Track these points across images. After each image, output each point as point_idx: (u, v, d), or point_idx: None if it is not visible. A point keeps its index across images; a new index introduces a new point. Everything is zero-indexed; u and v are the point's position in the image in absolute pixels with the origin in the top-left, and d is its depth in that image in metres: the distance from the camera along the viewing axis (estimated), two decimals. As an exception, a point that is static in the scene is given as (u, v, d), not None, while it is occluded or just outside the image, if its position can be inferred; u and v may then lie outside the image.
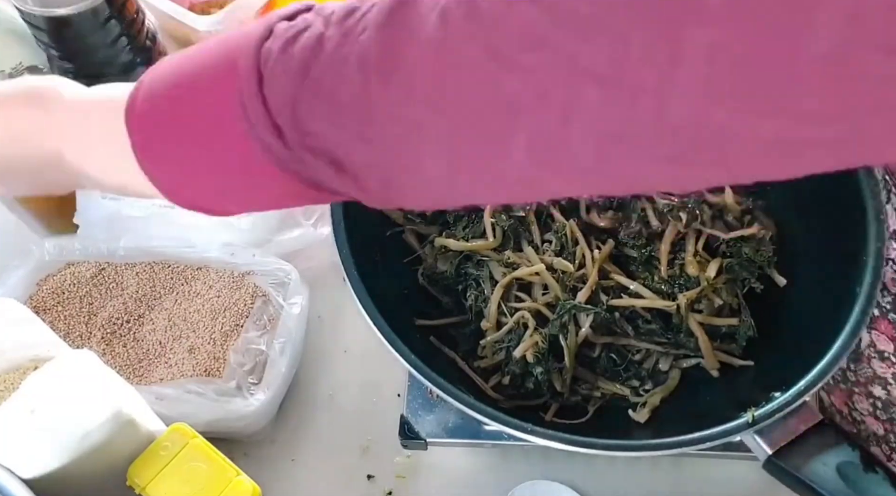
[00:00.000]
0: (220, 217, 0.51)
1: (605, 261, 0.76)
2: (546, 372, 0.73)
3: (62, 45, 0.80)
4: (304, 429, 0.83)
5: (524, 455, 0.80)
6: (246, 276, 0.83)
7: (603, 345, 0.75)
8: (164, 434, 0.64)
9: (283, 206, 0.50)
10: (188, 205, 0.49)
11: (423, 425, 0.74)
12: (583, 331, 0.73)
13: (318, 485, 0.80)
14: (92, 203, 0.82)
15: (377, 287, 0.68)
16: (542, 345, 0.73)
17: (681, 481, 0.80)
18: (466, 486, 0.80)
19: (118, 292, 0.83)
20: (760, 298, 0.77)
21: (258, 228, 0.83)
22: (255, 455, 0.81)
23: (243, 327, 0.80)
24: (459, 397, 0.64)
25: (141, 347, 0.80)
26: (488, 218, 0.78)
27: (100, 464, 0.62)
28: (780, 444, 0.62)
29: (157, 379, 0.78)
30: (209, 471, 0.63)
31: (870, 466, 0.60)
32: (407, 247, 0.82)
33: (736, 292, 0.76)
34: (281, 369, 0.77)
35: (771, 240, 0.77)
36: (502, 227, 0.78)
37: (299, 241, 0.85)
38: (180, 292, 0.83)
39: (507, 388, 0.75)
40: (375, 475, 0.81)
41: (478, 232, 0.79)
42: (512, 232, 0.78)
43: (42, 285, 0.83)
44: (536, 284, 0.76)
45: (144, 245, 0.84)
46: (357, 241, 0.70)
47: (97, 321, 0.81)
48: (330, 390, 0.85)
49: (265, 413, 0.76)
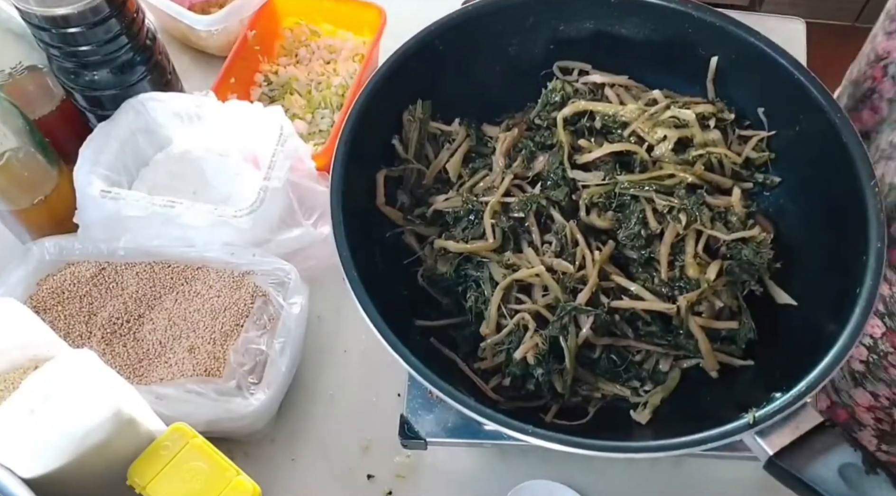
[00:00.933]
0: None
1: (605, 263, 0.76)
2: (546, 373, 0.73)
3: (62, 45, 0.80)
4: (304, 429, 0.83)
5: (524, 455, 0.80)
6: (246, 276, 0.83)
7: (603, 346, 0.75)
8: (164, 434, 0.64)
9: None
10: None
11: (422, 425, 0.74)
12: (583, 332, 0.73)
13: (318, 485, 0.81)
14: (92, 203, 0.82)
15: (377, 288, 0.68)
16: (542, 347, 0.72)
17: (681, 481, 0.80)
18: (466, 486, 0.80)
19: (118, 292, 0.83)
20: (761, 299, 0.77)
21: (258, 228, 0.83)
22: (255, 455, 0.81)
23: (243, 327, 0.80)
24: (460, 399, 0.64)
25: (141, 347, 0.80)
26: (488, 219, 0.78)
27: (100, 464, 0.62)
28: (781, 446, 0.62)
29: (157, 379, 0.78)
30: (209, 471, 0.63)
31: (872, 468, 0.60)
32: (406, 248, 0.82)
33: (736, 294, 0.76)
34: (281, 369, 0.77)
35: (771, 242, 0.77)
36: (502, 228, 0.78)
37: (299, 240, 0.85)
38: (180, 292, 0.83)
39: (508, 390, 0.75)
40: (375, 475, 0.81)
41: (477, 233, 0.79)
42: (512, 233, 0.78)
43: (42, 285, 0.83)
44: (536, 286, 0.76)
45: (144, 245, 0.84)
46: (357, 241, 0.70)
47: (97, 321, 0.81)
48: (330, 390, 0.86)
49: (265, 413, 0.76)
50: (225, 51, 1.03)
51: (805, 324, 0.73)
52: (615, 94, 0.85)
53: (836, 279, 0.70)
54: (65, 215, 0.84)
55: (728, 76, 0.83)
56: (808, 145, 0.78)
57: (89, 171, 0.83)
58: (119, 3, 0.80)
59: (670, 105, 0.82)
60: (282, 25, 1.09)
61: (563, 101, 0.84)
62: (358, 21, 1.06)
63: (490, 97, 0.88)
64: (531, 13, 0.85)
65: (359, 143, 0.76)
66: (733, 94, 0.84)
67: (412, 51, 0.81)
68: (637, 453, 0.63)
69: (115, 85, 0.86)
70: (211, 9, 1.05)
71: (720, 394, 0.73)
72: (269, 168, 0.83)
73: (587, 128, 0.83)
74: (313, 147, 0.97)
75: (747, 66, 0.80)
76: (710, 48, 0.83)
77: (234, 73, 1.00)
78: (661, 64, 0.86)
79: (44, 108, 0.87)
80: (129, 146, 0.88)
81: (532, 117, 0.86)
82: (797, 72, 0.76)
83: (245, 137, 0.89)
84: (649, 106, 0.83)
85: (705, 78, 0.84)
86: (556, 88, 0.85)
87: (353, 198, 0.73)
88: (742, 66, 0.81)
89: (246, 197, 0.83)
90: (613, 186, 0.78)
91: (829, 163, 0.74)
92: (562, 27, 0.86)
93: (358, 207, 0.74)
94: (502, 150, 0.83)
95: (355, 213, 0.72)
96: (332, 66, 1.05)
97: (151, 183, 0.89)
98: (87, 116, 0.90)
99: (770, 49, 0.78)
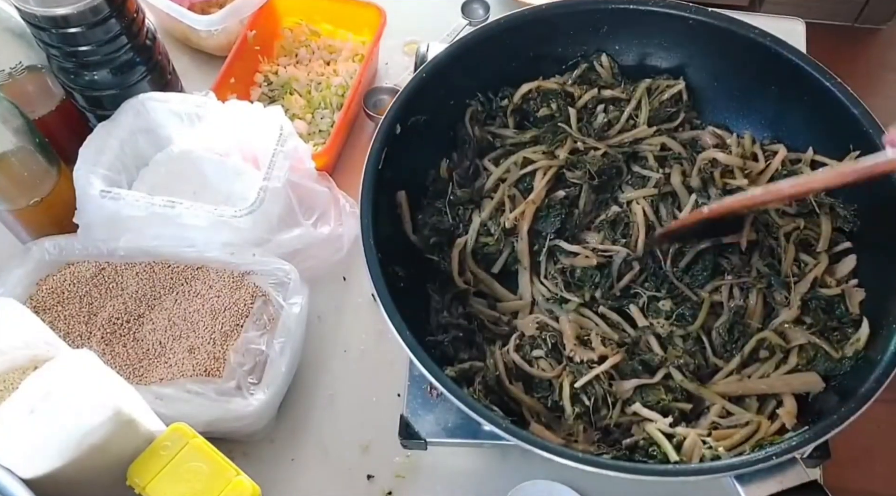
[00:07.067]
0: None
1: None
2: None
3: (62, 45, 0.80)
4: (304, 429, 0.83)
5: (524, 455, 0.80)
6: (246, 276, 0.83)
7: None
8: (164, 434, 0.64)
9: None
10: None
11: (422, 425, 0.74)
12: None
13: (318, 485, 0.80)
14: (92, 203, 0.82)
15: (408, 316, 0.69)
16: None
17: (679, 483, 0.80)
18: (466, 486, 0.80)
19: (118, 292, 0.83)
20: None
21: (258, 228, 0.83)
22: (255, 455, 0.81)
23: (243, 327, 0.80)
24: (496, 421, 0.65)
25: (141, 347, 0.80)
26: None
27: (100, 464, 0.62)
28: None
29: (157, 379, 0.78)
30: (209, 471, 0.63)
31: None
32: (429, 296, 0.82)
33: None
34: (281, 369, 0.77)
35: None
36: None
37: (299, 240, 0.85)
38: (180, 292, 0.83)
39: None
40: (375, 475, 0.81)
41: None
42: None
43: (42, 285, 0.83)
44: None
45: (144, 245, 0.84)
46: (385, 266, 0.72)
47: (97, 321, 0.81)
48: (330, 390, 0.85)
49: (265, 413, 0.76)
50: (225, 51, 1.03)
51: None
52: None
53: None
54: (64, 215, 0.84)
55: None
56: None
57: (89, 171, 0.83)
58: (119, 3, 0.80)
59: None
60: (282, 25, 1.09)
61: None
62: (358, 21, 1.06)
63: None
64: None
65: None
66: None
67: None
68: (616, 472, 0.63)
69: (115, 85, 0.86)
70: (211, 9, 1.05)
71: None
72: (269, 168, 0.83)
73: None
74: (313, 147, 0.97)
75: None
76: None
77: (234, 73, 1.01)
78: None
79: (44, 108, 0.87)
80: (129, 146, 0.88)
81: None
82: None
83: (245, 137, 0.89)
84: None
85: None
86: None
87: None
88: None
89: (246, 197, 0.83)
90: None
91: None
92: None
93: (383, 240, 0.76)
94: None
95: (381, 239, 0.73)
96: (332, 67, 1.05)
97: (151, 183, 0.89)
98: (87, 116, 0.90)
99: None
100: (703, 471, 0.63)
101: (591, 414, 0.73)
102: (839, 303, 0.77)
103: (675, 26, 0.86)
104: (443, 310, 0.79)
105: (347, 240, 0.89)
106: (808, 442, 0.62)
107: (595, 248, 0.83)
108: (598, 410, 0.73)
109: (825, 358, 0.74)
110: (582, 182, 0.84)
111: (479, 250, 0.84)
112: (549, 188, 0.85)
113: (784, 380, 0.74)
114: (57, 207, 0.84)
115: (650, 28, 0.88)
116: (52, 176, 0.82)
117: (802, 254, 0.80)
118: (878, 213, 0.77)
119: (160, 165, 0.91)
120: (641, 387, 0.74)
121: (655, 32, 0.88)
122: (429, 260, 0.83)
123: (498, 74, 0.89)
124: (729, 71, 0.87)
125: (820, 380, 0.73)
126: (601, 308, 0.81)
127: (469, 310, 0.81)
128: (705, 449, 0.69)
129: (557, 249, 0.84)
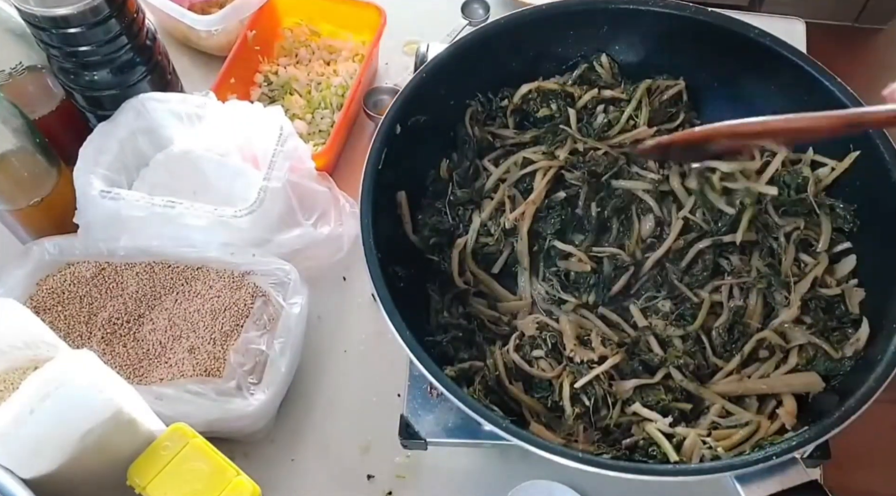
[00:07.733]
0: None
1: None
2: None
3: (62, 45, 0.80)
4: (304, 429, 0.83)
5: (524, 455, 0.80)
6: (246, 276, 0.83)
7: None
8: (164, 434, 0.64)
9: None
10: None
11: (423, 425, 0.74)
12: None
13: (318, 485, 0.80)
14: (92, 203, 0.82)
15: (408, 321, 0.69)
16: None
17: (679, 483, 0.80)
18: (466, 486, 0.80)
19: (118, 292, 0.83)
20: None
21: (258, 228, 0.82)
22: (255, 455, 0.81)
23: (243, 327, 0.80)
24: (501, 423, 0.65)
25: (141, 347, 0.80)
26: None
27: (100, 464, 0.62)
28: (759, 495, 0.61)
29: (157, 379, 0.78)
30: (209, 471, 0.63)
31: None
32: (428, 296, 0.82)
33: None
34: (281, 369, 0.77)
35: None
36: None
37: (299, 240, 0.85)
38: (180, 292, 0.83)
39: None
40: (375, 475, 0.81)
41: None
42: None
43: (42, 285, 0.82)
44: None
45: (144, 245, 0.84)
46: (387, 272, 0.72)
47: (97, 321, 0.81)
48: (330, 390, 0.85)
49: (265, 413, 0.76)
50: (225, 51, 1.03)
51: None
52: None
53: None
54: (64, 215, 0.84)
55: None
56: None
57: (89, 172, 0.83)
58: (119, 3, 0.80)
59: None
60: (282, 25, 1.09)
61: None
62: (358, 21, 1.06)
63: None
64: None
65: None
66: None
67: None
68: (617, 472, 0.63)
69: (115, 85, 0.86)
70: (211, 9, 1.05)
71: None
72: (269, 168, 0.83)
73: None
74: (313, 147, 0.97)
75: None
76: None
77: (234, 73, 1.01)
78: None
79: (44, 108, 0.87)
80: (129, 146, 0.88)
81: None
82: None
83: (245, 137, 0.89)
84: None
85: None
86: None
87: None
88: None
89: (246, 197, 0.83)
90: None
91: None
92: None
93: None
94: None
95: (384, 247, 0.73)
96: (332, 67, 1.05)
97: (151, 183, 0.89)
98: (87, 116, 0.90)
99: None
100: (703, 471, 0.63)
101: (591, 414, 0.73)
102: (839, 303, 0.77)
103: (675, 26, 0.86)
104: (443, 311, 0.79)
105: (347, 240, 0.89)
106: (808, 442, 0.62)
107: (593, 253, 0.83)
108: (598, 410, 0.73)
109: (825, 358, 0.74)
110: (582, 182, 0.84)
111: (479, 250, 0.84)
112: (549, 189, 0.85)
113: (784, 381, 0.74)
114: (57, 207, 0.84)
115: (650, 28, 0.88)
116: (52, 176, 0.82)
117: (802, 255, 0.80)
118: (878, 213, 0.77)
119: (160, 165, 0.91)
120: (641, 388, 0.74)
121: (655, 32, 0.88)
122: (429, 260, 0.83)
123: (498, 74, 0.89)
124: (729, 71, 0.87)
125: (820, 380, 0.73)
126: (601, 308, 0.81)
127: (469, 310, 0.81)
128: (705, 449, 0.69)
129: (553, 250, 0.84)
